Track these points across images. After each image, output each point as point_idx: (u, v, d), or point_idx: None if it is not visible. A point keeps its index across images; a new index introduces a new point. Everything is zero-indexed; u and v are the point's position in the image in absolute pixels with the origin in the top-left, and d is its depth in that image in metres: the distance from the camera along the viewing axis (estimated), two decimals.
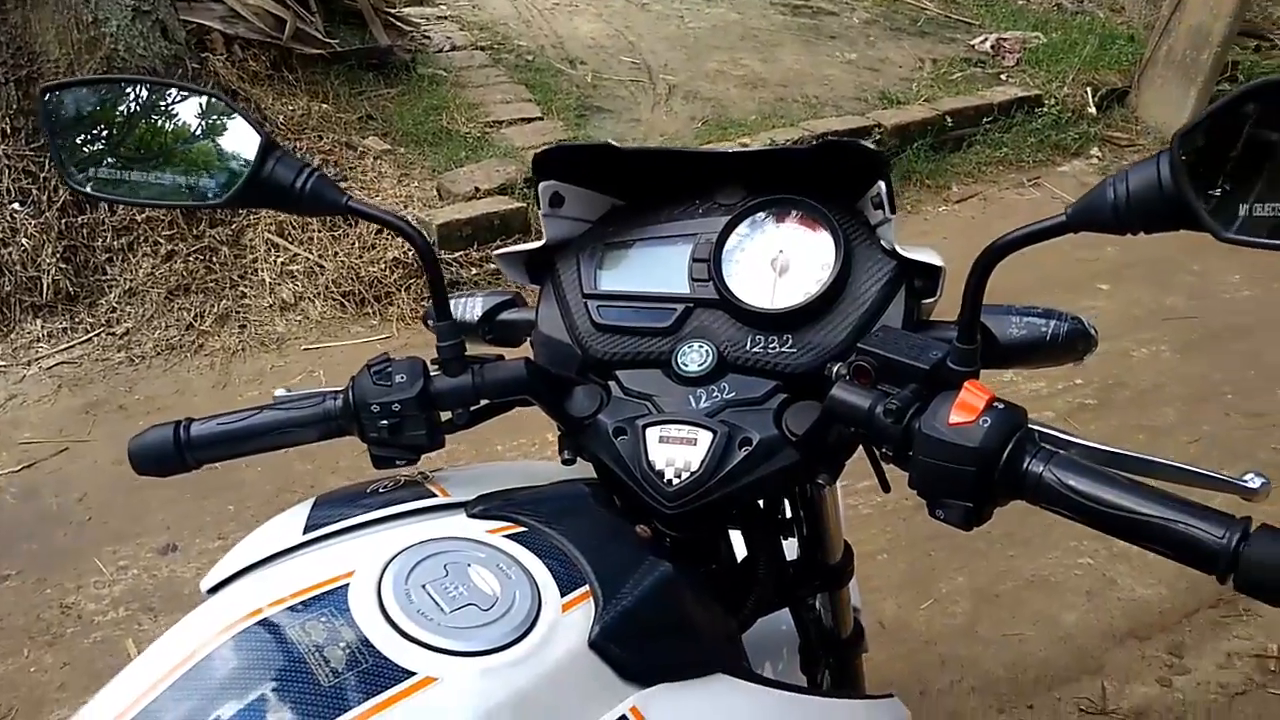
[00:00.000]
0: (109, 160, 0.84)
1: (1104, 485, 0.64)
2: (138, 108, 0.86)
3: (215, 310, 3.39)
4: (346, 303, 3.47)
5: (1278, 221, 0.58)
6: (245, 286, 3.48)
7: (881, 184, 0.83)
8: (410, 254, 3.52)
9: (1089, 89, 5.39)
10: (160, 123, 0.85)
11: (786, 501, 1.01)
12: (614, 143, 0.92)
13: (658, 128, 4.76)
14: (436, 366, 0.86)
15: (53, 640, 2.24)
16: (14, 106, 3.35)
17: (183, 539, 2.52)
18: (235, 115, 0.83)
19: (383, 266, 3.47)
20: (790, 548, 1.05)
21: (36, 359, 3.20)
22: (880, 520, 2.54)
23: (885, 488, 0.91)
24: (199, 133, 0.85)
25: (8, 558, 2.47)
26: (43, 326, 3.30)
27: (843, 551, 1.09)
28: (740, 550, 0.98)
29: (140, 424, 2.60)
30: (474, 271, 3.57)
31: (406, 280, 3.49)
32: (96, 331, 3.31)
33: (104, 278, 3.43)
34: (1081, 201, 0.65)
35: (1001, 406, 0.68)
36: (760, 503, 0.97)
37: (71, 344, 3.27)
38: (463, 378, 0.85)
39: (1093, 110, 5.29)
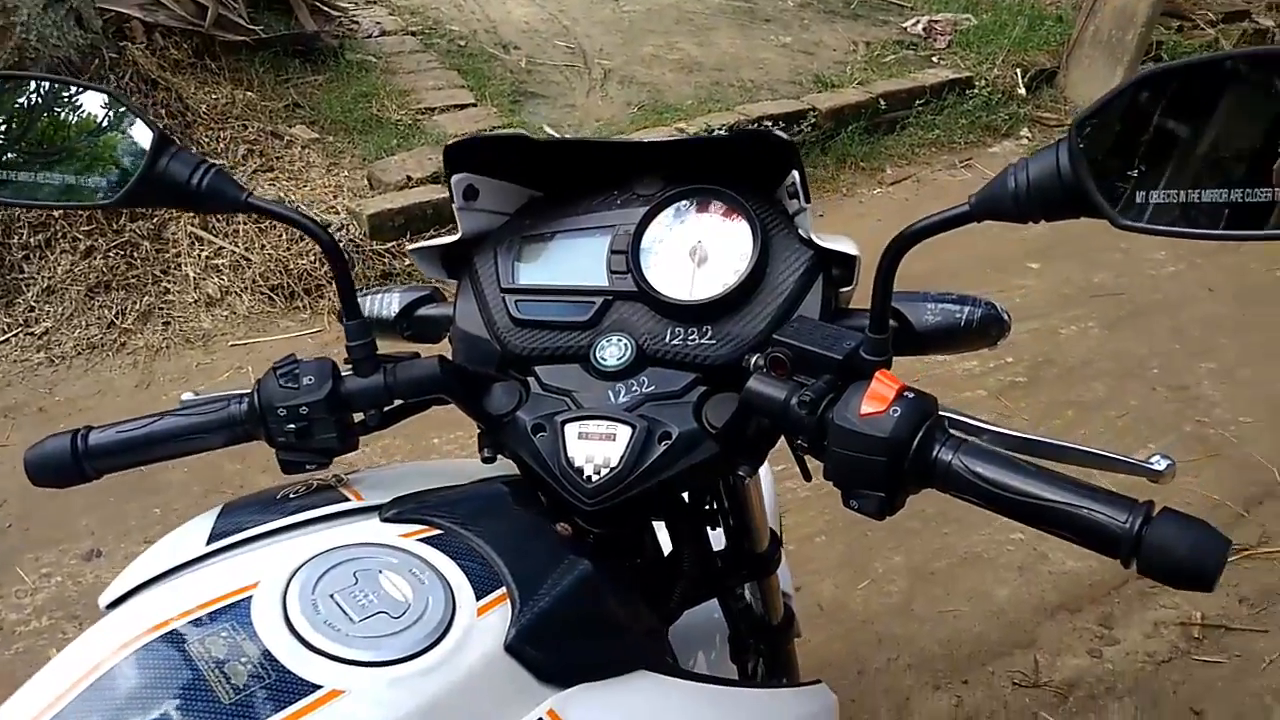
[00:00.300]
0: None
1: (1010, 472, 0.65)
2: (24, 105, 0.82)
3: (138, 307, 3.29)
4: (275, 296, 3.39)
5: (1174, 208, 0.58)
6: (168, 282, 3.38)
7: (795, 173, 0.82)
8: (341, 244, 3.46)
9: (1019, 70, 5.47)
10: (49, 121, 0.81)
11: (711, 493, 1.00)
12: (528, 134, 0.90)
13: (593, 113, 4.73)
14: (349, 366, 0.84)
15: None
16: None
17: (107, 544, 2.44)
18: (128, 111, 0.79)
19: (312, 259, 3.39)
20: (718, 538, 1.04)
21: None
22: (817, 503, 2.56)
23: (806, 477, 0.91)
24: (90, 130, 0.81)
25: None
26: None
27: (769, 540, 1.08)
28: (667, 543, 0.98)
29: (61, 426, 2.51)
30: (407, 262, 3.51)
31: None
32: (14, 332, 3.19)
33: (21, 276, 3.30)
34: (984, 191, 0.66)
35: (911, 396, 0.68)
36: (684, 495, 0.96)
37: None
38: (374, 378, 0.83)
39: (1022, 91, 5.37)
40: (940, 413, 0.71)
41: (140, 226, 3.43)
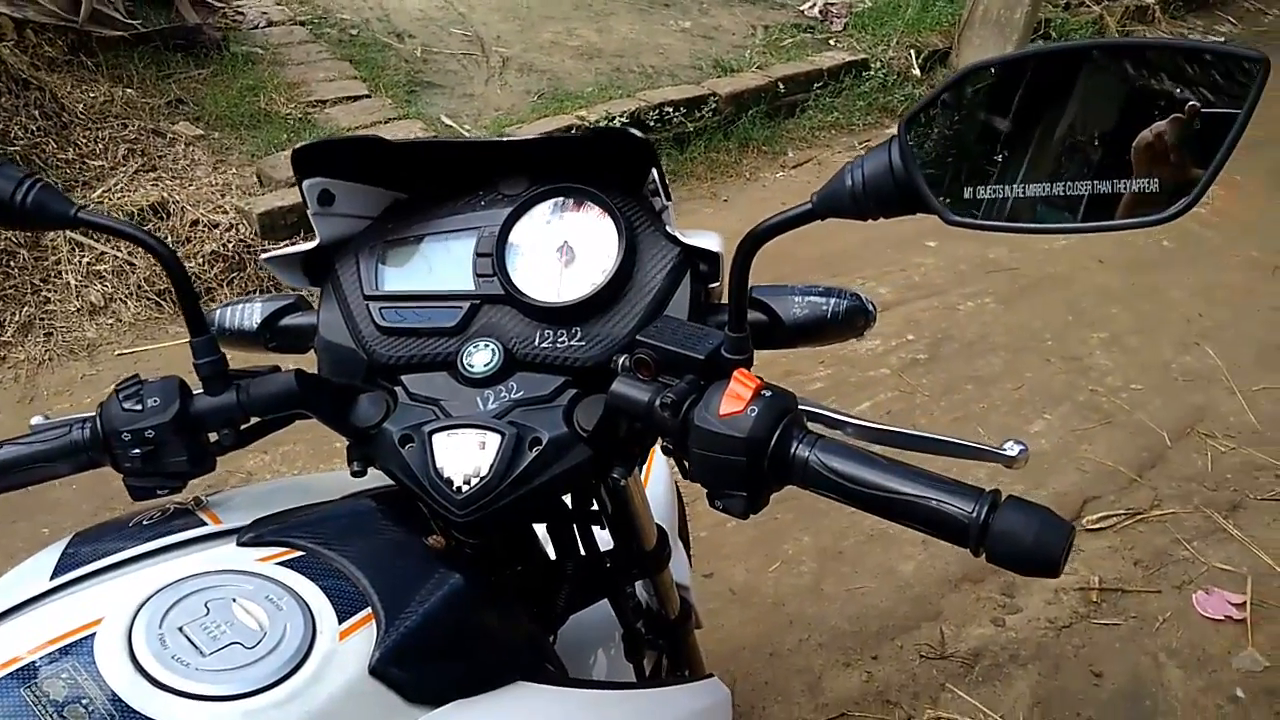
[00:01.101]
0: None
1: (864, 466, 0.65)
2: None
3: (17, 319, 3.13)
4: (163, 302, 3.27)
5: (999, 203, 0.59)
6: (49, 291, 3.22)
7: (654, 171, 0.81)
8: (229, 246, 3.35)
9: (913, 51, 5.57)
10: None
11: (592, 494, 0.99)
12: (383, 136, 0.87)
13: (492, 102, 4.66)
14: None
15: None
16: None
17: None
18: None
19: (200, 261, 3.27)
20: (606, 538, 1.03)
21: None
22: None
23: (685, 474, 0.90)
24: None
25: None
26: None
27: (657, 537, 1.07)
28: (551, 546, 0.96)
29: None
30: None
31: (229, 274, 3.32)
32: None
33: None
34: (825, 188, 0.66)
35: (769, 394, 0.68)
36: (566, 499, 0.94)
37: None
38: (226, 395, 0.79)
39: (917, 72, 5.48)
40: (800, 407, 0.71)
41: (16, 234, 3.26)
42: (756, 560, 2.42)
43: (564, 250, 0.85)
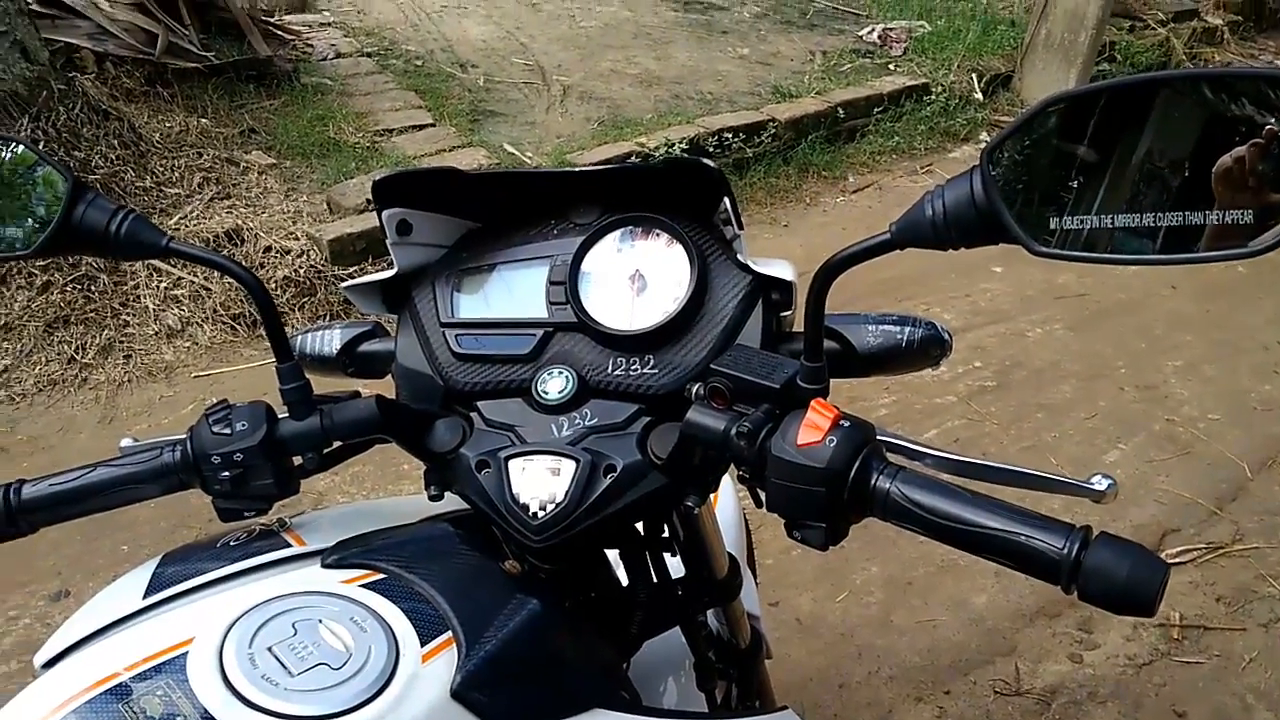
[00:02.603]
0: None
1: (947, 499, 0.64)
2: None
3: (97, 341, 3.23)
4: (238, 326, 3.34)
5: (1088, 234, 0.58)
6: (128, 315, 3.32)
7: (726, 201, 0.81)
8: (301, 271, 3.42)
9: (974, 75, 5.52)
10: None
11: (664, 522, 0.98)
12: (458, 167, 0.88)
13: (553, 130, 4.72)
14: (286, 409, 0.81)
15: None
16: None
17: (75, 584, 2.39)
18: (42, 161, 0.78)
19: (273, 287, 3.35)
20: (677, 564, 1.02)
21: None
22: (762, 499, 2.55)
23: (757, 502, 0.89)
24: (4, 182, 0.79)
25: None
26: None
27: (729, 565, 1.06)
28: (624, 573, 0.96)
29: (24, 466, 2.43)
30: None
31: (300, 299, 3.38)
32: None
33: None
34: (904, 218, 0.65)
35: (848, 424, 0.67)
36: (639, 526, 0.94)
37: None
38: (310, 420, 0.80)
39: (979, 96, 5.42)
40: (879, 438, 0.70)
41: (98, 260, 3.37)
42: (823, 590, 2.39)
43: (636, 278, 0.85)
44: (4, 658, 2.21)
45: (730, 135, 4.54)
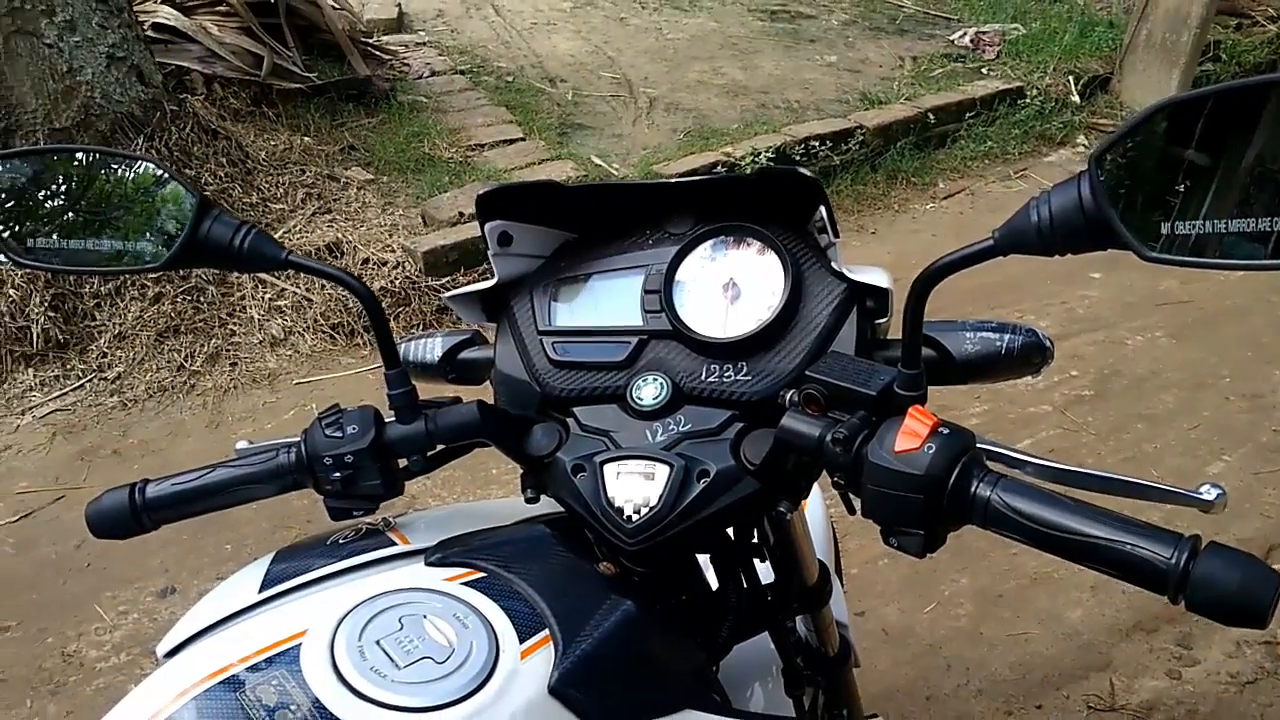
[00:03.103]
0: (46, 230, 0.83)
1: (1050, 507, 0.63)
2: (73, 177, 0.85)
3: (205, 350, 3.39)
4: (336, 335, 3.47)
5: (1202, 239, 0.57)
6: (234, 324, 3.47)
7: (822, 209, 0.82)
8: (397, 282, 3.52)
9: (1071, 77, 5.38)
10: (96, 190, 0.85)
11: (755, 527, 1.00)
12: (558, 181, 0.91)
13: (640, 141, 4.76)
14: (391, 413, 0.86)
15: (55, 689, 2.23)
16: None
17: (181, 581, 2.51)
18: (170, 179, 0.83)
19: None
20: (766, 570, 1.04)
21: (30, 408, 3.20)
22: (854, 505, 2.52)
23: (850, 510, 0.90)
24: (135, 198, 0.84)
25: (8, 609, 2.46)
26: (34, 375, 3.29)
27: (819, 572, 1.07)
28: (715, 578, 0.97)
29: (135, 468, 2.57)
30: None
31: (395, 309, 3.49)
32: (88, 377, 3.31)
33: (93, 323, 3.43)
34: (1008, 224, 0.65)
35: (947, 432, 0.67)
36: (729, 530, 0.95)
37: (64, 391, 3.26)
38: (416, 424, 0.84)
39: (1076, 99, 5.28)
40: (978, 445, 0.70)
41: (206, 272, 3.54)
42: (910, 600, 2.36)
43: (730, 287, 0.87)
44: (115, 650, 2.34)
45: (817, 143, 4.52)
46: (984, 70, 5.55)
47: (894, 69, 5.67)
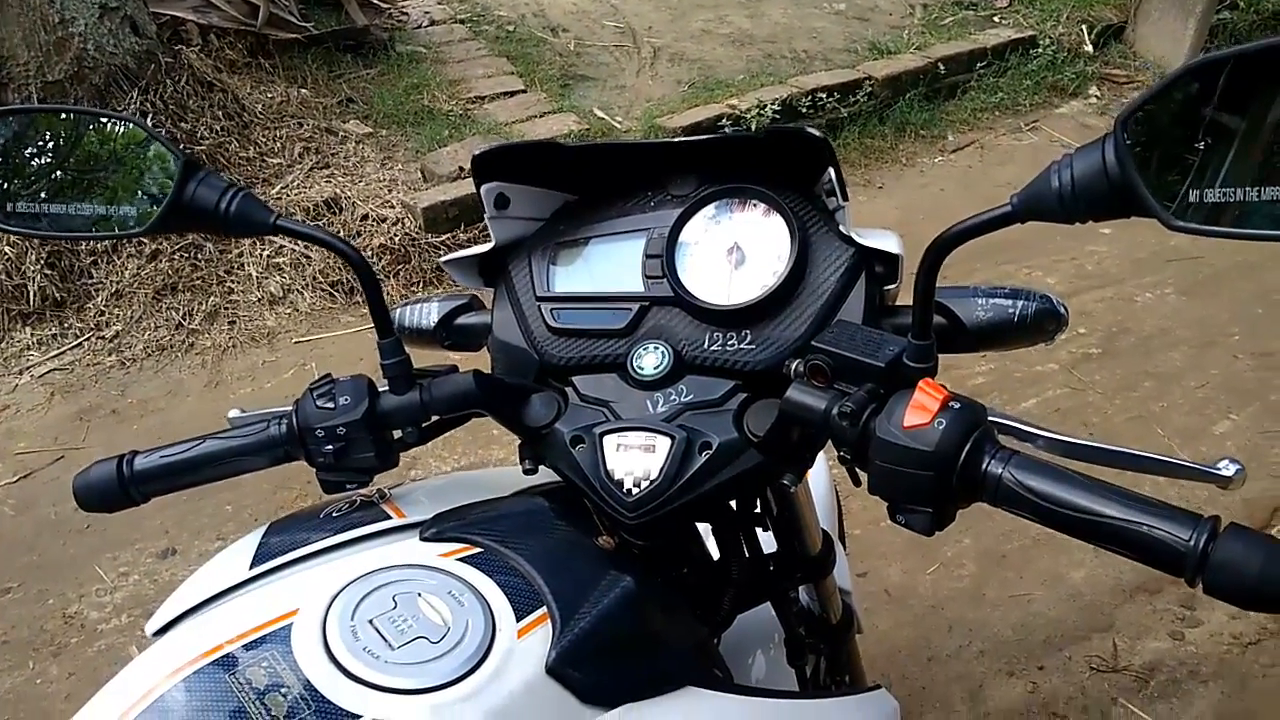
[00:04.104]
0: (26, 194, 0.80)
1: (1064, 485, 0.61)
2: (56, 138, 0.82)
3: (204, 308, 3.36)
4: (336, 293, 3.43)
5: (1228, 208, 0.54)
6: (232, 282, 3.44)
7: (830, 171, 0.78)
8: (396, 239, 3.48)
9: (1084, 26, 5.27)
10: (78, 152, 0.81)
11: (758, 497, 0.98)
12: (557, 140, 0.88)
13: (644, 93, 4.68)
14: (385, 382, 0.83)
15: (57, 651, 2.24)
16: None
17: (181, 542, 2.51)
18: (154, 140, 0.79)
19: (369, 253, 3.42)
20: (769, 539, 1.02)
21: (27, 367, 3.18)
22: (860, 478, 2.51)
23: (856, 483, 0.87)
24: (119, 161, 0.81)
25: (8, 571, 2.46)
26: (32, 334, 3.27)
27: (823, 541, 1.05)
28: (715, 546, 0.95)
29: (135, 428, 2.55)
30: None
31: (395, 266, 3.45)
32: (86, 336, 3.29)
33: (90, 281, 3.40)
34: (1027, 189, 0.61)
35: (958, 406, 0.65)
36: (731, 502, 0.93)
37: (62, 350, 3.25)
38: (410, 395, 0.82)
39: (1089, 48, 5.18)
40: (990, 419, 0.68)
41: None
42: (913, 561, 2.36)
43: (734, 251, 0.84)
44: (115, 612, 2.35)
45: (824, 95, 4.44)
46: (996, 19, 5.44)
47: (904, 17, 5.56)
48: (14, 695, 2.14)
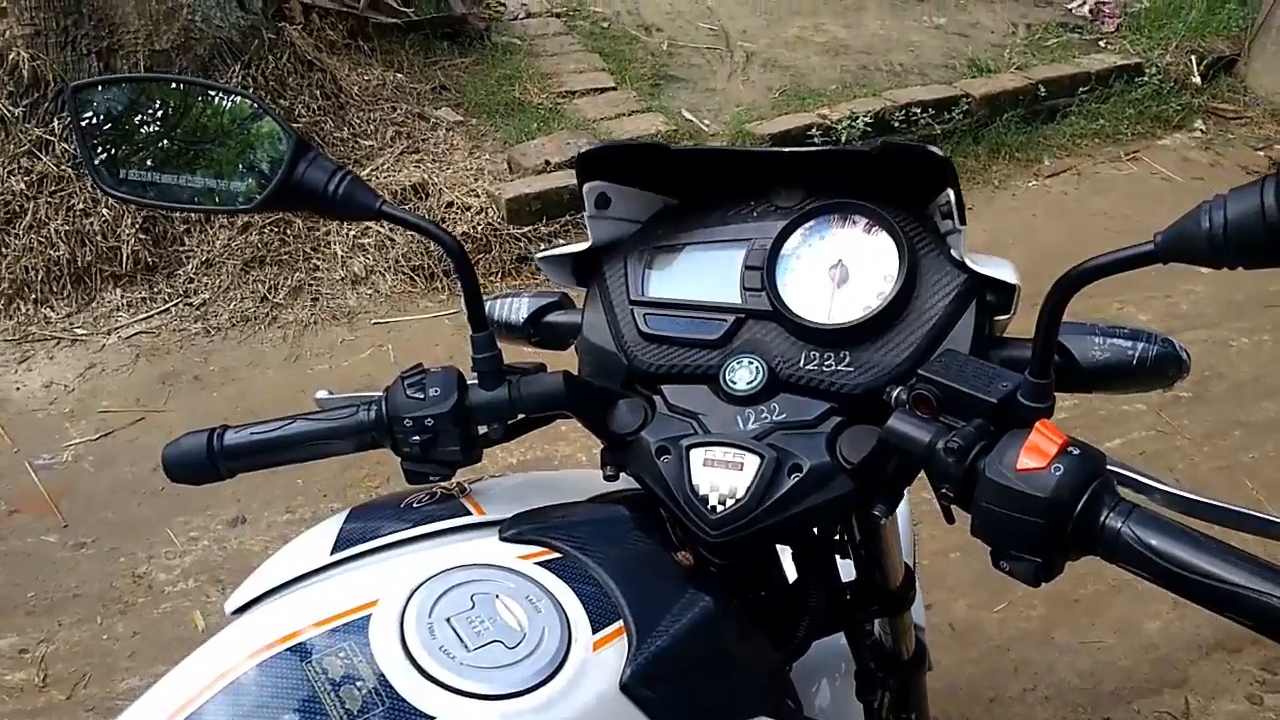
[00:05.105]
0: (138, 162, 0.81)
1: (1188, 547, 0.57)
2: (168, 108, 0.83)
3: (289, 283, 3.42)
4: (416, 277, 3.47)
5: None
6: (318, 259, 3.50)
7: (950, 192, 0.75)
8: (479, 228, 3.51)
9: (1194, 57, 5.08)
10: (191, 123, 0.82)
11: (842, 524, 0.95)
12: (665, 143, 0.86)
13: (734, 97, 4.65)
14: (474, 376, 0.82)
15: (124, 609, 2.30)
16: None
17: (252, 512, 2.55)
18: (266, 116, 0.80)
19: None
20: (847, 566, 0.99)
21: (116, 328, 3.27)
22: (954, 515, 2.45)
23: (949, 520, 0.84)
24: (230, 134, 0.81)
25: (84, 525, 2.53)
26: (122, 296, 3.37)
27: (904, 575, 1.02)
28: (791, 569, 0.93)
29: (215, 395, 2.59)
30: (542, 247, 3.52)
31: (476, 255, 3.47)
32: (174, 302, 3.37)
33: (182, 249, 3.48)
34: (1173, 229, 0.57)
35: (1077, 452, 0.61)
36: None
37: (150, 314, 3.33)
38: (499, 391, 0.81)
39: (1197, 80, 4.99)
40: (1108, 467, 0.64)
41: None
42: (981, 596, 2.29)
43: (837, 268, 0.82)
44: (183, 575, 2.40)
45: (919, 110, 4.35)
46: (1101, 43, 5.28)
47: (1006, 36, 5.43)
48: (81, 649, 2.20)
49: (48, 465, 2.74)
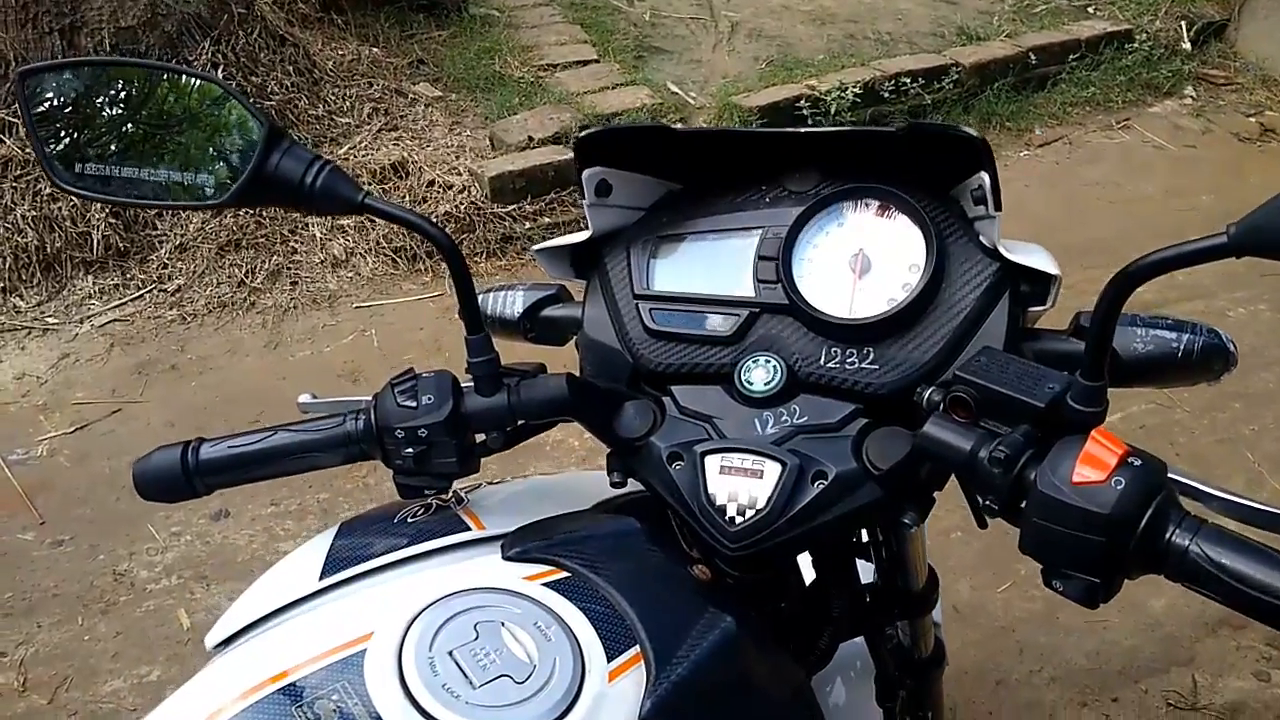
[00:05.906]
0: (96, 154, 0.74)
1: (1264, 566, 0.52)
2: (127, 94, 0.75)
3: (266, 266, 3.33)
4: (398, 259, 3.38)
5: None
6: (296, 242, 3.41)
7: (984, 176, 0.69)
8: (461, 207, 3.42)
9: (1183, 22, 5.02)
10: (153, 111, 0.75)
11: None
12: (669, 124, 0.79)
13: (719, 69, 4.56)
14: (469, 380, 0.76)
15: (106, 608, 2.23)
16: (58, 57, 3.29)
17: (235, 505, 2.48)
18: (235, 102, 0.72)
19: (435, 222, 3.37)
20: (866, 569, 0.94)
21: (88, 316, 3.18)
22: (955, 494, 2.39)
23: (982, 525, 0.78)
24: (193, 120, 0.74)
25: (62, 522, 2.46)
26: (94, 283, 3.27)
27: (928, 576, 0.97)
28: (809, 573, 0.87)
29: (192, 385, 2.50)
30: (527, 226, 3.45)
31: (459, 235, 3.39)
32: (148, 288, 3.27)
33: (155, 233, 3.38)
34: (1248, 220, 0.51)
35: (1139, 463, 0.56)
36: None
37: (123, 301, 3.24)
38: (498, 397, 0.74)
39: (1187, 46, 4.93)
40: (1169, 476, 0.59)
41: None
42: (984, 577, 2.25)
43: (858, 258, 0.76)
44: (165, 572, 2.32)
45: (908, 80, 4.28)
46: (1090, 10, 5.21)
47: (994, 3, 5.35)
48: (62, 651, 2.13)
49: (22, 460, 2.65)
